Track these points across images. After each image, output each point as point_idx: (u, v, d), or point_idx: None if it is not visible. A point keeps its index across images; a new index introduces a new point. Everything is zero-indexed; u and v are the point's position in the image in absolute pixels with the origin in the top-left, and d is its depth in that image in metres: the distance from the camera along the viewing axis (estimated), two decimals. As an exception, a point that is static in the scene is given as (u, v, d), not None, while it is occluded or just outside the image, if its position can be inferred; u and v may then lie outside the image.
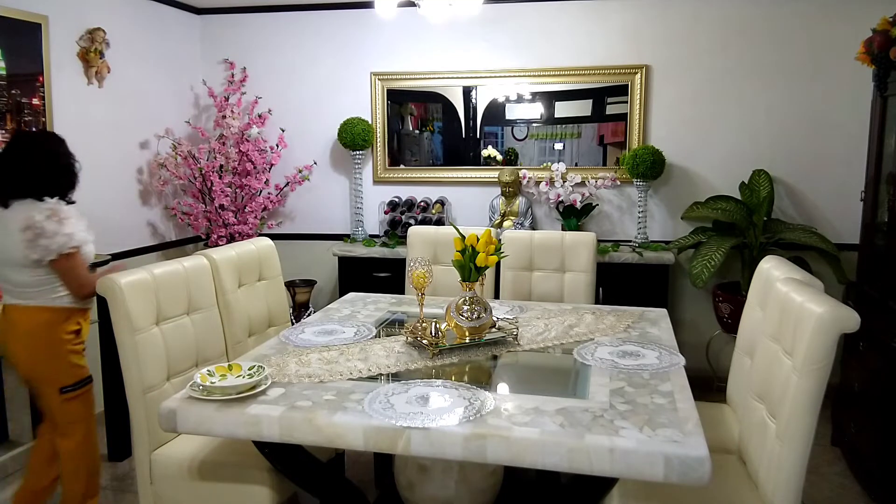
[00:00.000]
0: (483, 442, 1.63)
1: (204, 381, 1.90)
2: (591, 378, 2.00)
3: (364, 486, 2.44)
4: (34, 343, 2.44)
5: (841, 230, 3.89)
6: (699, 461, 1.51)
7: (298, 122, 4.54)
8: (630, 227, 4.20)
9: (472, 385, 1.94)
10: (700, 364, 4.04)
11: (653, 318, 2.68)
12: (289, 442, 1.79)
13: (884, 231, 3.07)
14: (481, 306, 2.32)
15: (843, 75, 3.80)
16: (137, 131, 4.11)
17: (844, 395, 3.17)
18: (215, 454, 2.20)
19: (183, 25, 4.50)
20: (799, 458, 1.74)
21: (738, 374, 2.45)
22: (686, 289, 4.13)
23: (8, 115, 3.22)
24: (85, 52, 3.64)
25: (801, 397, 1.73)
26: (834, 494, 2.93)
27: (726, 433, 2.30)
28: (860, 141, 3.44)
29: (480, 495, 2.16)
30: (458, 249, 2.33)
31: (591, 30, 4.12)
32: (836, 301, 1.76)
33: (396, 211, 4.30)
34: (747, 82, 3.98)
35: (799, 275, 2.14)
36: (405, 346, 2.32)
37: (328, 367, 2.10)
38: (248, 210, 4.33)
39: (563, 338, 2.41)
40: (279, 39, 4.54)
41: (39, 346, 2.44)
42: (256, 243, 2.95)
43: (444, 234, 3.35)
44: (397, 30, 4.31)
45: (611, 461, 1.56)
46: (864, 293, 3.19)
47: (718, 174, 4.07)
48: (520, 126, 4.33)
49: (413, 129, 4.54)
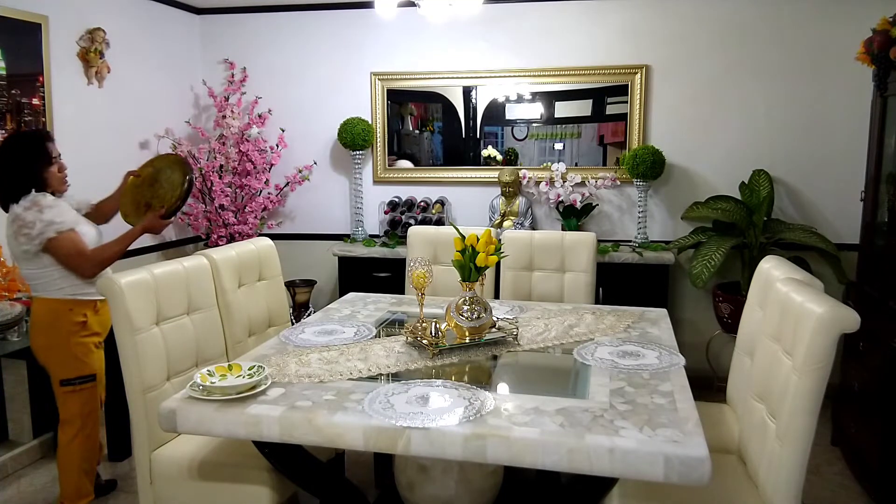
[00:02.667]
0: (483, 442, 1.63)
1: (204, 381, 1.90)
2: (591, 378, 2.00)
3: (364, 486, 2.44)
4: (40, 332, 2.54)
5: (841, 230, 3.89)
6: (699, 461, 1.51)
7: (298, 122, 4.54)
8: (630, 227, 4.20)
9: (472, 385, 1.94)
10: (700, 364, 4.04)
11: (653, 318, 2.68)
12: (289, 442, 1.79)
13: (884, 231, 3.07)
14: (481, 306, 2.32)
15: (843, 75, 3.80)
16: (137, 131, 4.11)
17: (844, 395, 3.17)
18: (215, 454, 2.20)
19: (183, 25, 4.50)
20: (799, 458, 1.74)
21: (738, 374, 2.45)
22: (686, 289, 4.13)
23: (8, 115, 3.22)
24: (85, 52, 3.64)
25: (801, 397, 1.73)
26: (834, 494, 2.93)
27: (726, 433, 2.30)
28: (860, 141, 3.44)
29: (480, 495, 2.15)
30: (458, 249, 2.33)
31: (591, 30, 4.12)
32: (836, 301, 1.76)
33: (396, 211, 4.30)
34: (747, 82, 3.98)
35: (799, 275, 2.14)
36: (405, 346, 2.32)
37: (328, 367, 2.10)
38: (248, 210, 4.33)
39: (563, 338, 2.41)
40: (279, 39, 4.54)
41: (45, 335, 2.54)
42: (256, 243, 2.95)
43: (444, 234, 3.35)
44: (397, 30, 4.31)
45: (611, 461, 1.56)
46: (864, 293, 3.19)
47: (718, 174, 4.07)
48: (520, 126, 4.33)
49: (413, 129, 4.54)
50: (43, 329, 2.54)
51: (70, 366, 2.55)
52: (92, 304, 2.60)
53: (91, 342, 2.60)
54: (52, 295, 2.53)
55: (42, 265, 2.50)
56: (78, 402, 2.58)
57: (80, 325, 2.55)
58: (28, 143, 2.55)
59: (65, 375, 2.55)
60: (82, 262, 2.52)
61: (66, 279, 2.54)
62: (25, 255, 2.48)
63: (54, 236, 2.44)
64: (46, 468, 3.18)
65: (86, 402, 2.60)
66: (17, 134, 2.67)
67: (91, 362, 2.58)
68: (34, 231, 2.42)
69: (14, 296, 2.93)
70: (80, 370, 2.56)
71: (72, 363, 2.55)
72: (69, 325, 2.53)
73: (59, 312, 2.53)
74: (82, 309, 2.56)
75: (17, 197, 2.48)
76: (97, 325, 2.62)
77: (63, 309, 2.53)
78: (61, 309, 2.53)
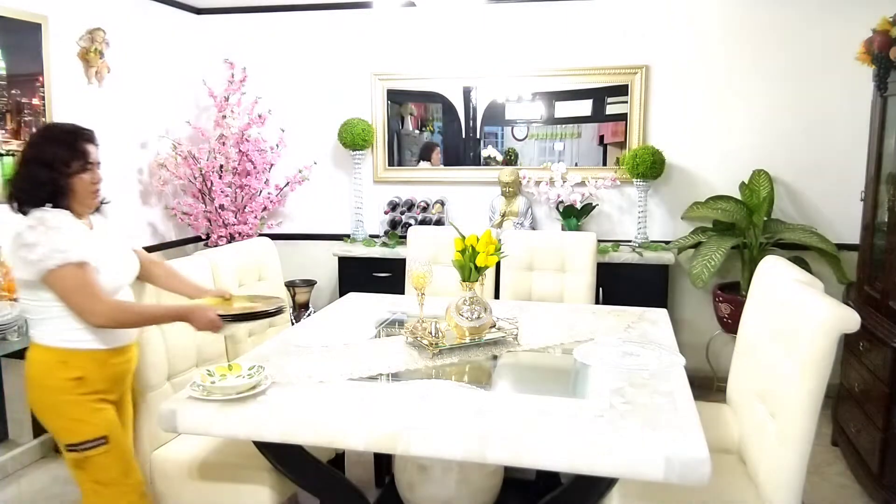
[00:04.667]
0: (483, 442, 1.63)
1: (204, 381, 1.90)
2: (591, 378, 2.00)
3: (364, 486, 2.44)
4: (32, 387, 1.99)
5: (841, 230, 3.89)
6: (699, 461, 1.51)
7: (298, 122, 4.54)
8: (630, 227, 4.20)
9: (472, 385, 1.94)
10: (700, 364, 4.04)
11: (653, 319, 2.68)
12: (289, 442, 1.79)
13: (884, 231, 3.07)
14: (481, 306, 2.32)
15: (843, 75, 3.80)
16: (137, 131, 4.11)
17: (844, 395, 3.17)
18: (215, 454, 2.20)
19: (183, 25, 4.50)
20: (799, 458, 1.74)
21: (738, 374, 2.45)
22: (686, 289, 4.13)
23: (8, 115, 3.22)
24: (85, 52, 3.64)
25: (801, 397, 1.73)
26: (834, 494, 2.93)
27: (726, 433, 2.30)
28: (860, 141, 3.44)
29: (480, 495, 2.15)
30: (458, 249, 2.33)
31: (591, 30, 4.12)
32: (836, 301, 1.76)
33: (396, 211, 4.30)
34: (747, 82, 3.98)
35: (799, 275, 2.14)
36: (405, 346, 2.32)
37: (328, 367, 2.10)
38: (248, 210, 4.33)
39: (563, 338, 2.41)
40: (279, 39, 4.54)
41: (36, 390, 1.98)
42: (256, 243, 2.95)
43: (444, 234, 3.35)
44: (397, 30, 4.31)
45: (611, 461, 1.56)
46: (864, 293, 3.19)
47: (718, 174, 4.07)
48: (520, 126, 4.33)
49: (413, 129, 4.54)
50: (34, 384, 1.98)
51: (68, 429, 1.97)
52: (96, 355, 1.99)
53: (91, 400, 1.97)
54: (44, 341, 1.96)
55: (39, 298, 1.94)
56: (90, 470, 1.98)
57: (75, 383, 1.95)
58: (60, 137, 1.95)
59: (67, 440, 1.97)
60: (91, 305, 1.90)
61: (65, 321, 1.95)
62: (23, 283, 1.95)
63: (56, 267, 1.86)
64: (46, 468, 3.18)
65: (102, 468, 1.98)
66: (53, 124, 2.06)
67: (98, 422, 1.96)
68: (34, 255, 1.85)
69: (14, 296, 2.92)
70: (81, 433, 1.96)
71: (71, 426, 1.97)
72: (59, 382, 1.94)
73: (48, 365, 1.95)
74: (79, 362, 1.96)
75: (31, 205, 1.93)
76: (102, 380, 2.00)
77: (53, 361, 1.95)
78: (51, 361, 1.95)
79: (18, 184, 1.95)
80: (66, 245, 1.88)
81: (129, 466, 2.04)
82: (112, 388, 2.04)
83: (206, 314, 1.99)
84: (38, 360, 1.98)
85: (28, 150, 1.97)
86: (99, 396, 1.99)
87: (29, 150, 1.97)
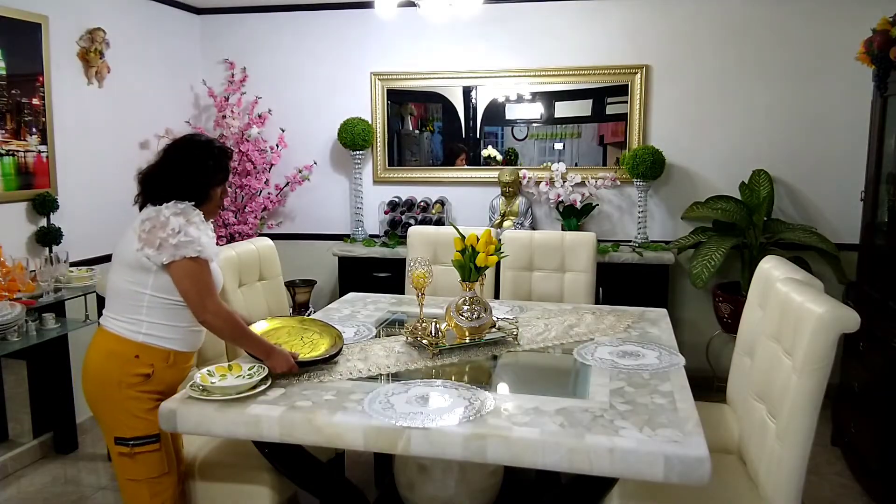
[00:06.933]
0: (483, 442, 1.63)
1: (204, 381, 1.90)
2: (591, 378, 2.00)
3: (364, 486, 2.44)
4: (90, 375, 2.01)
5: (841, 230, 3.89)
6: (699, 461, 1.51)
7: (298, 122, 4.53)
8: (630, 227, 4.20)
9: (472, 385, 1.94)
10: (700, 364, 4.04)
11: (653, 318, 2.68)
12: (289, 442, 1.79)
13: (884, 231, 3.07)
14: (481, 306, 2.32)
15: (843, 75, 3.80)
16: (137, 131, 4.11)
17: (844, 395, 3.17)
18: (215, 454, 2.20)
19: (183, 25, 4.50)
20: (799, 458, 1.74)
21: (738, 374, 2.45)
22: (686, 289, 4.13)
23: (8, 115, 3.22)
24: (85, 52, 3.64)
25: (801, 397, 1.73)
26: (834, 494, 2.93)
27: (726, 433, 2.30)
28: (860, 141, 3.44)
29: (480, 495, 2.16)
30: (458, 249, 2.34)
31: (591, 30, 4.12)
32: (836, 301, 1.76)
33: (396, 211, 4.30)
34: (747, 82, 3.98)
35: (799, 275, 2.14)
36: (405, 346, 2.32)
37: (328, 367, 2.09)
38: (248, 210, 4.33)
39: (563, 338, 2.41)
40: (279, 39, 4.54)
41: (96, 380, 2.00)
42: (256, 243, 2.95)
43: (444, 234, 3.35)
44: (397, 30, 4.31)
45: (611, 461, 1.56)
46: (864, 293, 3.19)
47: (718, 174, 4.07)
48: (520, 126, 4.33)
49: (413, 129, 4.54)
50: (97, 374, 2.00)
51: (125, 423, 1.98)
52: (169, 355, 2.02)
53: (151, 398, 1.99)
54: (120, 330, 1.98)
55: (141, 283, 1.97)
56: (135, 469, 2.00)
57: (142, 379, 1.97)
58: (216, 152, 2.10)
59: (119, 434, 1.98)
60: (207, 301, 1.96)
61: (157, 312, 1.98)
62: (136, 263, 1.96)
63: (192, 256, 1.93)
64: (46, 468, 3.18)
65: (149, 467, 2.00)
66: (206, 138, 2.17)
67: (154, 419, 1.92)
68: (174, 240, 1.91)
69: (14, 296, 2.92)
70: (136, 429, 1.97)
71: (127, 420, 1.98)
72: (127, 376, 1.96)
73: (120, 358, 1.97)
74: (152, 359, 1.99)
75: (167, 199, 2.00)
76: (166, 380, 2.03)
77: (127, 354, 1.97)
78: (125, 354, 1.97)
79: (163, 180, 2.04)
80: (204, 241, 1.98)
81: (172, 466, 2.06)
82: (171, 389, 2.05)
83: (287, 359, 2.02)
84: (109, 350, 1.99)
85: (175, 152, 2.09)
86: (158, 395, 2.00)
87: (176, 152, 2.09)
